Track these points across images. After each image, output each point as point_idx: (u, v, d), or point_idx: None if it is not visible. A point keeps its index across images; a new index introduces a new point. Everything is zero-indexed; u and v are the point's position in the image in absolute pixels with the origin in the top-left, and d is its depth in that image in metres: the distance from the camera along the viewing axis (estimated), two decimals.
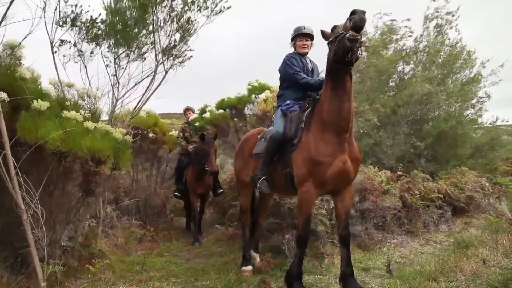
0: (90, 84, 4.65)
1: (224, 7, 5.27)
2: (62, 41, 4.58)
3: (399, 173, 7.01)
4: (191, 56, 5.51)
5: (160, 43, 5.17)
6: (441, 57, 10.34)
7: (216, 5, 5.24)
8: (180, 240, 6.22)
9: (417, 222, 6.05)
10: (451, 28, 10.27)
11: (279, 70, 4.16)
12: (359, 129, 8.58)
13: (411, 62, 10.49)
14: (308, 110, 3.73)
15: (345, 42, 2.97)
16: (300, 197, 3.55)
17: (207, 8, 5.21)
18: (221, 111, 7.65)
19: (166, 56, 5.23)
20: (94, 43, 4.78)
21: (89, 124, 3.62)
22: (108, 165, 3.70)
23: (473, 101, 10.34)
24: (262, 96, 6.93)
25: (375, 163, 8.28)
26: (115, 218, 5.56)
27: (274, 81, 6.82)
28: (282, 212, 4.94)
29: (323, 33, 3.49)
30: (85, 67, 4.76)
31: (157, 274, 4.26)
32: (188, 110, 7.40)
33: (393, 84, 10.66)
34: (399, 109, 9.51)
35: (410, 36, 10.36)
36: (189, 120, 7.27)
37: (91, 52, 4.81)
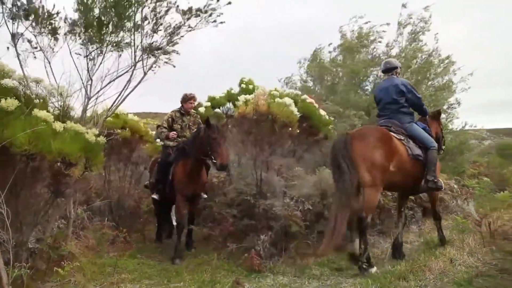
0: (56, 80, 4.45)
1: (216, 20, 5.08)
2: (13, 34, 4.37)
3: None
4: (174, 66, 5.36)
5: (135, 41, 5.01)
6: (417, 63, 10.66)
7: (210, 15, 5.07)
8: (154, 241, 6.12)
9: (389, 223, 6.18)
10: (424, 34, 10.60)
11: (404, 92, 4.74)
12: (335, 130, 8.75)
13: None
14: None
15: None
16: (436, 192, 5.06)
17: (198, 15, 5.05)
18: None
19: (147, 55, 5.08)
20: (52, 38, 4.58)
21: (58, 126, 3.46)
22: (79, 168, 3.60)
23: (445, 107, 10.72)
24: (242, 98, 6.72)
25: None
26: (86, 219, 5.41)
27: (264, 82, 6.81)
28: (257, 213, 4.95)
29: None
30: (49, 62, 4.56)
31: (129, 276, 4.18)
32: (194, 98, 5.92)
33: (368, 87, 10.93)
34: (373, 110, 9.75)
35: (379, 42, 10.69)
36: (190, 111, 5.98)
37: (52, 47, 4.62)
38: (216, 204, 5.53)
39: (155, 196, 5.58)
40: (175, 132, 5.68)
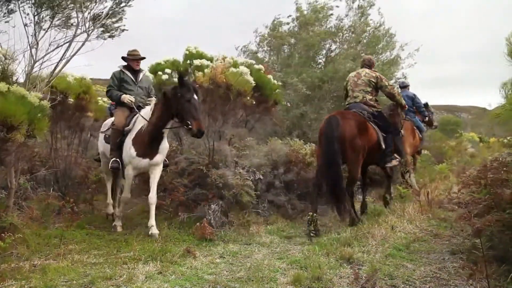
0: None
1: None
2: None
3: None
4: (123, 30, 5.11)
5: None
6: (366, 37, 10.94)
7: None
8: (103, 211, 5.98)
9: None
10: (371, 7, 10.88)
11: (414, 99, 7.96)
12: (287, 102, 8.84)
13: (337, 40, 10.97)
14: None
15: None
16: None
17: None
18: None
19: (93, 25, 4.79)
20: None
21: (2, 86, 3.24)
22: (21, 132, 3.39)
23: (392, 82, 11.17)
24: (196, 62, 6.20)
25: (300, 136, 8.63)
26: (29, 189, 5.16)
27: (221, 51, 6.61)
28: (209, 182, 4.96)
29: None
30: None
31: (77, 247, 4.06)
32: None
33: (321, 60, 11.10)
34: (324, 84, 9.94)
35: (331, 15, 10.84)
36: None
37: None
38: (167, 173, 5.46)
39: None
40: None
